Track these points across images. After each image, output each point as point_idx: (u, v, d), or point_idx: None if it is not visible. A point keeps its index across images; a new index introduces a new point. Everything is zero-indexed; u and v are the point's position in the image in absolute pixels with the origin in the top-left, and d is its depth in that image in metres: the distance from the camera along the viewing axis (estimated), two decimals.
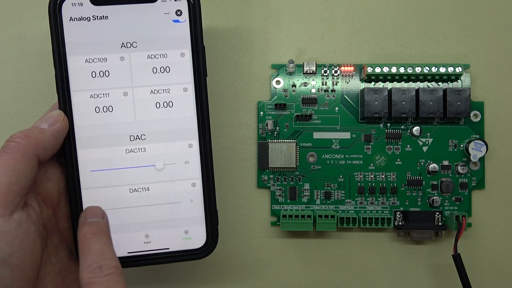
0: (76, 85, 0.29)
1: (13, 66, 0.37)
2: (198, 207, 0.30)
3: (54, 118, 0.28)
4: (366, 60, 0.37)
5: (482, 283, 0.37)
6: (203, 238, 0.30)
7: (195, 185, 0.30)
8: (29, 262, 0.25)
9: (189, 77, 0.29)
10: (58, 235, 0.28)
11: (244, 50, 0.37)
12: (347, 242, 0.37)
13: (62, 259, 0.28)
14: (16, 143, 0.25)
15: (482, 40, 0.37)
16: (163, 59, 0.29)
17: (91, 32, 0.29)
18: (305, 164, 0.36)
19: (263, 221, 0.37)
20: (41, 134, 0.26)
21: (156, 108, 0.29)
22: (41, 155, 0.26)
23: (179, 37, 0.29)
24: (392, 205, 0.37)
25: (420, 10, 0.37)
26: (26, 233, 0.25)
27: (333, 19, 0.37)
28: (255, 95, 0.37)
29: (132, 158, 0.29)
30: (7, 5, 0.37)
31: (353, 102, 0.37)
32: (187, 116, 0.29)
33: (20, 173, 0.25)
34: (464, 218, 0.35)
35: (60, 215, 0.29)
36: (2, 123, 0.37)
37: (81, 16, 0.29)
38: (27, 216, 0.25)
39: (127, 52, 0.29)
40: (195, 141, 0.30)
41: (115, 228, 0.28)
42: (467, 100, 0.35)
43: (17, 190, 0.25)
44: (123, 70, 0.29)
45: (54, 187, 0.28)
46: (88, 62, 0.29)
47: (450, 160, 0.36)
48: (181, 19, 0.29)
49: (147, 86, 0.29)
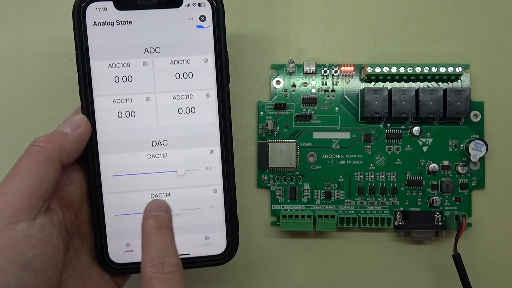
0: (99, 90, 0.29)
1: (13, 66, 0.37)
2: (219, 213, 0.30)
3: (77, 122, 0.28)
4: (366, 60, 0.37)
5: (482, 283, 0.37)
6: (224, 244, 0.30)
7: (216, 191, 0.30)
8: (51, 266, 0.25)
9: (212, 83, 0.29)
10: (80, 240, 0.28)
11: (244, 50, 0.37)
12: (347, 242, 0.37)
13: (83, 264, 0.28)
14: (40, 147, 0.25)
15: (482, 40, 0.37)
16: (186, 64, 0.29)
17: (114, 36, 0.29)
18: (305, 164, 0.36)
19: (263, 221, 0.37)
20: (64, 138, 0.26)
21: (179, 113, 0.29)
22: (64, 160, 0.26)
23: (202, 42, 0.29)
24: (392, 205, 0.37)
25: (420, 10, 0.37)
26: (49, 238, 0.25)
27: (333, 19, 0.37)
28: (255, 95, 0.37)
29: (153, 163, 0.29)
30: (7, 5, 0.37)
31: (353, 102, 0.37)
32: (209, 122, 0.29)
33: (43, 177, 0.25)
34: (464, 218, 0.35)
35: (82, 219, 0.29)
36: (2, 123, 0.37)
37: (105, 20, 0.29)
38: (50, 221, 0.25)
39: (150, 57, 0.29)
40: (217, 147, 0.29)
41: (136, 233, 0.28)
42: (467, 100, 0.35)
43: (40, 194, 0.25)
44: (146, 75, 0.29)
45: (77, 192, 0.28)
46: (111, 67, 0.29)
47: (450, 160, 0.36)
48: (205, 24, 0.29)
49: (170, 91, 0.29)
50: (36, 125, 0.37)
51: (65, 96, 0.37)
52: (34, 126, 0.37)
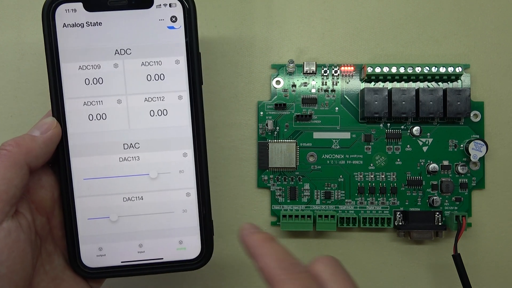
0: (69, 92, 0.28)
1: (13, 66, 0.37)
2: (192, 217, 0.29)
3: (46, 125, 0.27)
4: (366, 60, 0.37)
5: (482, 283, 0.37)
6: (198, 248, 0.29)
7: (190, 194, 0.29)
8: (18, 271, 0.24)
9: (184, 85, 0.29)
10: (52, 243, 0.28)
11: (244, 50, 0.37)
12: (347, 242, 0.37)
13: (56, 267, 0.28)
14: (6, 151, 0.25)
15: (482, 40, 0.37)
16: (158, 66, 0.29)
17: (84, 38, 0.28)
18: (305, 164, 0.36)
19: (263, 221, 0.37)
20: (32, 141, 0.26)
21: (150, 116, 0.29)
22: (32, 163, 0.26)
23: (174, 43, 0.29)
24: (392, 205, 0.37)
25: (420, 10, 0.37)
26: (15, 242, 0.24)
27: (333, 19, 0.37)
28: (255, 95, 0.37)
29: (125, 166, 0.29)
30: (7, 6, 0.37)
31: (353, 102, 0.37)
32: (182, 125, 0.29)
33: (10, 181, 0.24)
34: (464, 218, 0.35)
35: (54, 223, 0.28)
36: (2, 123, 0.37)
37: (75, 22, 0.28)
38: (18, 225, 0.25)
39: (121, 59, 0.28)
40: (190, 150, 0.29)
41: (108, 237, 0.28)
42: (467, 100, 0.35)
43: (7, 199, 0.24)
44: (116, 77, 0.29)
45: (48, 195, 0.28)
46: (81, 69, 0.28)
47: (450, 160, 0.36)
48: (176, 25, 0.29)
49: (141, 93, 0.29)
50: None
51: None
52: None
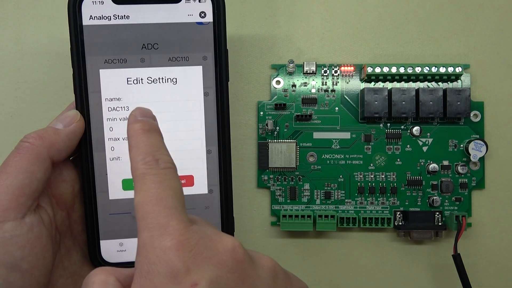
0: (94, 86, 0.28)
1: (13, 66, 0.37)
2: (215, 214, 0.29)
3: (70, 118, 0.27)
4: (366, 60, 0.37)
5: (482, 283, 0.37)
6: None
7: (213, 191, 0.29)
8: (40, 267, 0.24)
9: (211, 82, 0.29)
10: (71, 238, 0.28)
11: (244, 50, 0.37)
12: (347, 242, 0.37)
13: (74, 263, 0.27)
14: (30, 144, 0.25)
15: (482, 40, 0.37)
16: (185, 62, 0.28)
17: (111, 32, 0.28)
18: (305, 164, 0.36)
19: (263, 221, 0.37)
20: (55, 134, 0.26)
21: (175, 112, 0.29)
22: (55, 157, 0.25)
23: (202, 39, 0.28)
24: (392, 205, 0.37)
25: (420, 10, 0.37)
26: (37, 238, 0.24)
27: (333, 19, 0.37)
28: (255, 95, 0.37)
29: None
30: (7, 5, 0.37)
31: (353, 102, 0.37)
32: (208, 121, 0.29)
33: (32, 175, 0.24)
34: (464, 218, 0.35)
35: (74, 217, 0.28)
36: (2, 123, 0.37)
37: (102, 15, 0.28)
38: (39, 220, 0.25)
39: (148, 54, 0.28)
40: (215, 147, 0.29)
41: (130, 232, 0.28)
42: (467, 100, 0.35)
43: (29, 192, 0.24)
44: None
45: (69, 189, 0.27)
46: (107, 63, 0.28)
47: (450, 160, 0.36)
48: (205, 21, 0.28)
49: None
50: (36, 125, 0.37)
51: (65, 96, 0.37)
52: (34, 126, 0.37)
